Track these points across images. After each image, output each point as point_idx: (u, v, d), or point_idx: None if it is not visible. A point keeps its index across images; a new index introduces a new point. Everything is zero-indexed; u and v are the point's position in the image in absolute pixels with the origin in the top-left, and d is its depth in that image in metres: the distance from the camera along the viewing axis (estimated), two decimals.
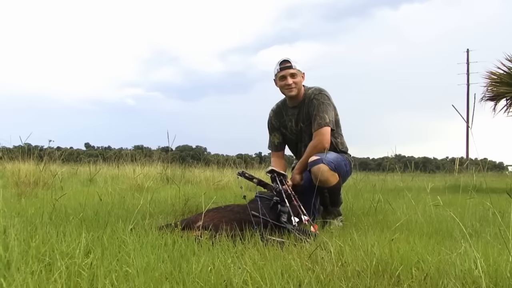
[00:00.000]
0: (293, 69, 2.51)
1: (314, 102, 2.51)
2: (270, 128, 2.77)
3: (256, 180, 2.29)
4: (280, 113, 2.73)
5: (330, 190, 2.37)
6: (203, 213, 1.94)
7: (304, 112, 2.58)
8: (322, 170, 2.30)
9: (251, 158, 14.21)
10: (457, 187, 5.43)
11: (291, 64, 2.51)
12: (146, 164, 6.13)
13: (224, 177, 5.60)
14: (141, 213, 2.39)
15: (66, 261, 1.29)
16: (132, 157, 6.60)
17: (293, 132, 2.68)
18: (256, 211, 1.91)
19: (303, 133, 2.63)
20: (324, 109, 2.48)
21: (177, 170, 6.50)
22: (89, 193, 3.33)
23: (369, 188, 4.33)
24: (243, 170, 2.33)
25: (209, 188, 4.90)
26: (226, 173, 6.14)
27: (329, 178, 2.33)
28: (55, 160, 4.96)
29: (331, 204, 2.41)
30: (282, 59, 2.55)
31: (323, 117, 2.47)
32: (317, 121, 2.47)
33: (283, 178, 2.34)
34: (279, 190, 2.12)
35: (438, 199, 2.69)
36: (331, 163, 2.35)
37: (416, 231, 2.10)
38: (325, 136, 2.44)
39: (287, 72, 2.52)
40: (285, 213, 1.98)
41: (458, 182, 6.08)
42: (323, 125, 2.45)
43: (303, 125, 2.60)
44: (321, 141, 2.44)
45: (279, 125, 2.73)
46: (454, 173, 9.03)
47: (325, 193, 2.37)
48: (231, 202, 3.05)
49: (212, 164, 7.45)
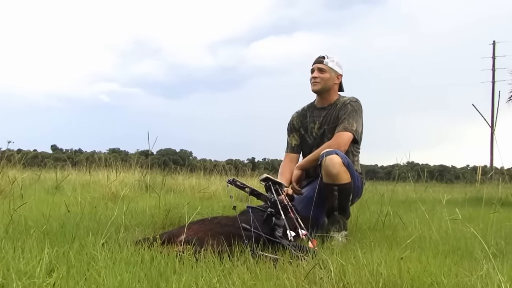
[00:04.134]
0: (324, 64, 2.69)
1: (348, 107, 2.64)
2: (290, 129, 2.92)
3: (248, 189, 2.30)
4: (304, 114, 2.87)
5: (341, 189, 2.38)
6: (186, 226, 1.94)
7: (333, 115, 2.70)
8: (335, 161, 2.34)
9: (242, 164, 14.29)
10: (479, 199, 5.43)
11: (323, 59, 2.70)
12: (122, 169, 6.14)
13: (211, 185, 5.62)
14: (115, 225, 2.39)
15: (24, 281, 1.27)
16: (106, 162, 6.61)
17: (313, 136, 2.78)
18: (248, 224, 1.92)
19: (324, 137, 2.72)
20: (356, 118, 2.61)
21: (158, 176, 6.49)
22: (54, 202, 3.31)
23: (377, 199, 4.35)
24: (233, 178, 2.34)
25: (194, 198, 4.90)
26: (214, 180, 6.17)
27: (342, 173, 2.36)
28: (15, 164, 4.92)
29: (339, 209, 2.41)
30: (319, 55, 2.74)
31: (351, 124, 2.58)
32: (344, 124, 2.59)
33: (279, 187, 2.36)
34: (274, 201, 2.13)
35: (457, 212, 2.70)
36: (345, 159, 2.41)
37: (430, 249, 2.12)
38: (345, 140, 2.54)
39: (316, 66, 2.71)
40: (280, 226, 1.99)
41: (481, 194, 6.10)
42: (348, 129, 2.56)
43: (327, 127, 2.71)
44: (339, 143, 2.52)
45: (300, 126, 2.86)
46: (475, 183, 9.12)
47: (335, 191, 2.38)
48: (219, 214, 3.05)
49: (198, 171, 7.51)
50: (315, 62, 2.72)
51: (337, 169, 2.34)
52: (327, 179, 2.36)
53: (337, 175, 2.35)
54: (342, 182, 2.37)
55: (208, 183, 5.96)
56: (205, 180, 6.43)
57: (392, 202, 4.13)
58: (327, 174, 2.35)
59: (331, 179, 2.36)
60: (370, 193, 4.79)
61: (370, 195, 4.60)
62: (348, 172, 2.40)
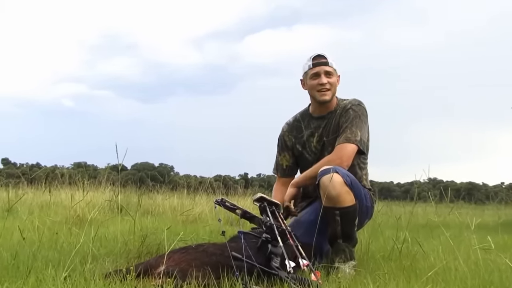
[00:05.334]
0: (330, 66, 2.66)
1: (350, 113, 2.64)
2: (280, 146, 2.91)
3: (240, 211, 2.31)
4: (297, 127, 2.84)
5: (343, 213, 2.39)
6: (166, 255, 1.95)
7: (334, 124, 2.69)
8: (335, 181, 2.34)
9: (233, 181, 14.29)
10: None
11: (327, 59, 2.66)
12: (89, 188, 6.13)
13: (196, 206, 5.63)
14: (81, 254, 2.38)
15: None
16: (70, 179, 6.65)
17: (312, 151, 2.78)
18: (239, 252, 1.92)
19: (324, 150, 2.72)
20: (359, 125, 2.60)
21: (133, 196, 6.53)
22: (6, 228, 3.25)
23: (392, 223, 4.36)
24: (222, 198, 2.34)
25: (175, 221, 4.89)
26: (200, 201, 6.18)
27: (343, 194, 2.36)
28: None
29: (343, 236, 2.42)
30: (315, 54, 2.69)
31: (355, 133, 2.57)
32: (346, 134, 2.57)
33: (276, 209, 2.38)
34: (270, 225, 2.14)
35: (489, 240, 2.71)
36: (347, 176, 2.41)
37: (455, 284, 2.13)
38: (348, 153, 2.53)
39: (322, 69, 2.65)
40: (277, 255, 1.99)
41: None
42: (351, 140, 2.55)
43: (327, 139, 2.70)
44: (341, 157, 2.52)
45: (294, 143, 2.84)
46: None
47: (336, 216, 2.38)
48: (205, 240, 3.05)
49: (180, 189, 7.53)
50: (317, 63, 2.67)
51: (337, 190, 2.34)
52: (326, 202, 2.37)
53: (338, 197, 2.35)
54: (345, 205, 2.38)
55: (192, 204, 5.96)
56: (188, 200, 6.44)
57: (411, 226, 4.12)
58: (326, 196, 2.36)
59: (331, 202, 2.36)
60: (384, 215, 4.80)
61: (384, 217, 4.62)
62: (352, 192, 2.40)
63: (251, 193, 7.39)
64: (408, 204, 7.46)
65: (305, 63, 2.73)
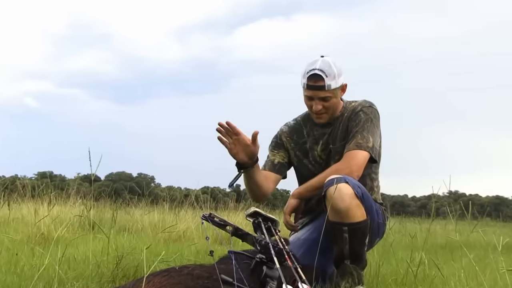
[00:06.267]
0: (327, 91, 2.58)
1: (360, 116, 2.65)
2: (275, 143, 2.87)
3: (231, 228, 2.31)
4: (298, 131, 2.84)
5: (352, 230, 2.38)
6: (145, 278, 1.94)
7: (341, 129, 2.70)
8: (344, 192, 2.34)
9: (223, 194, 14.28)
10: None
11: (324, 82, 2.55)
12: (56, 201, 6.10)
13: (180, 223, 5.65)
14: (45, 279, 2.37)
15: None
16: (33, 191, 6.51)
17: (316, 161, 2.78)
18: (229, 275, 1.91)
19: (331, 159, 2.72)
20: (371, 130, 2.61)
21: (107, 211, 6.56)
22: None
23: (406, 243, 4.38)
24: (210, 212, 2.34)
25: (156, 239, 4.89)
26: (184, 216, 6.17)
27: (353, 208, 2.36)
28: None
29: (351, 257, 2.41)
30: (312, 70, 2.56)
31: (366, 139, 2.57)
32: (356, 140, 2.58)
33: (272, 225, 2.37)
34: (266, 244, 2.12)
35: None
36: (358, 188, 2.41)
37: None
38: (359, 162, 2.53)
39: (316, 94, 2.60)
40: (273, 278, 1.98)
41: None
42: (362, 147, 2.55)
43: (334, 147, 2.71)
44: (350, 166, 2.52)
45: (293, 148, 2.84)
46: None
47: (344, 233, 2.38)
48: (191, 261, 3.08)
49: (162, 202, 7.51)
50: (312, 87, 2.58)
51: (346, 203, 2.34)
52: (333, 217, 2.37)
53: (347, 211, 2.36)
54: (354, 221, 2.38)
55: (176, 220, 5.97)
56: (171, 216, 6.43)
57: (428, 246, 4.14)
58: (334, 209, 2.36)
59: (338, 216, 2.36)
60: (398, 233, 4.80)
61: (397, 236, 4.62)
62: (363, 206, 2.41)
63: (244, 207, 7.43)
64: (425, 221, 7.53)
65: (302, 73, 2.63)
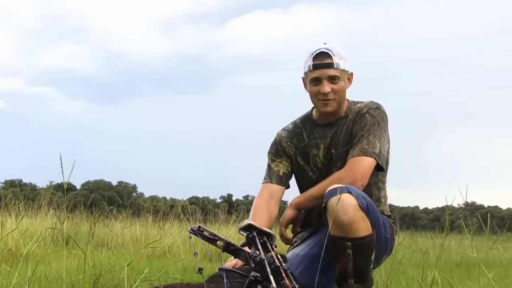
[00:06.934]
0: (335, 69, 2.56)
1: (366, 119, 2.60)
2: (275, 151, 2.82)
3: (222, 243, 2.21)
4: (298, 134, 2.80)
5: (357, 246, 2.31)
6: None
7: (345, 132, 2.65)
8: (348, 204, 2.27)
9: (213, 205, 14.18)
10: None
11: (332, 59, 2.55)
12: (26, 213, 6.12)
13: (165, 237, 5.66)
14: None
15: None
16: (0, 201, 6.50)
17: (317, 166, 2.73)
18: None
19: (332, 166, 2.67)
20: (378, 134, 2.56)
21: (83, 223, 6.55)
22: None
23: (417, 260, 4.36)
24: (199, 225, 2.24)
25: (138, 256, 4.88)
26: (170, 229, 6.21)
27: (357, 221, 2.29)
28: None
29: (355, 275, 2.35)
30: (318, 50, 2.57)
31: (373, 144, 2.52)
32: (361, 145, 2.53)
33: (268, 240, 2.25)
34: (261, 260, 2.02)
35: None
36: (363, 198, 2.34)
37: None
38: (364, 169, 2.48)
39: (324, 73, 2.55)
40: None
41: None
42: (368, 153, 2.50)
43: (336, 152, 2.66)
44: (354, 174, 2.46)
45: (295, 153, 2.79)
46: None
47: (348, 249, 2.32)
48: (177, 280, 3.02)
49: (145, 214, 7.50)
50: (319, 65, 2.56)
51: (350, 216, 2.28)
52: (336, 231, 2.31)
53: (351, 225, 2.29)
54: (359, 235, 2.32)
55: (160, 233, 5.94)
56: (156, 229, 6.40)
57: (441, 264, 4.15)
58: (336, 223, 2.30)
59: (341, 230, 2.30)
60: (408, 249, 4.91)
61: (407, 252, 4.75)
62: (368, 218, 2.35)
63: (236, 220, 7.44)
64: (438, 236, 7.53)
65: (306, 60, 2.63)
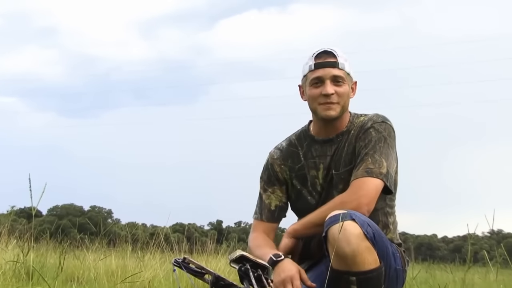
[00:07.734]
0: (340, 69, 2.45)
1: (371, 134, 2.46)
2: (268, 177, 2.67)
3: (211, 277, 2.16)
4: (294, 154, 2.65)
5: (362, 281, 2.17)
6: None
7: (347, 150, 2.51)
8: (350, 232, 2.13)
9: (200, 232, 13.88)
10: None
11: (336, 59, 2.45)
12: None
13: (145, 270, 5.47)
14: None
15: None
16: None
17: (316, 190, 2.58)
18: None
19: (333, 188, 2.52)
20: (385, 152, 2.41)
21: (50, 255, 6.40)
22: None
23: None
24: (185, 257, 2.20)
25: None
26: (151, 261, 6.05)
27: (361, 252, 2.15)
28: None
29: None
30: (320, 49, 2.50)
31: (379, 163, 2.38)
32: (366, 164, 2.39)
33: (263, 274, 2.18)
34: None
35: None
36: (368, 226, 2.19)
37: None
38: (370, 192, 2.34)
39: (327, 72, 2.43)
40: None
41: None
42: (374, 174, 2.35)
43: (337, 172, 2.52)
44: (358, 198, 2.31)
45: (290, 177, 2.64)
46: None
47: (352, 285, 2.18)
48: None
49: (122, 243, 7.31)
50: (321, 64, 2.47)
51: (353, 247, 2.13)
52: (338, 264, 2.16)
53: (355, 257, 2.14)
54: (364, 269, 2.16)
55: (139, 266, 5.78)
56: (134, 261, 6.23)
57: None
58: (338, 255, 2.15)
59: (344, 263, 2.15)
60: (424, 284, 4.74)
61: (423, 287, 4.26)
62: (375, 249, 2.20)
63: (227, 250, 7.29)
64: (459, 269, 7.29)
65: (305, 62, 2.51)
